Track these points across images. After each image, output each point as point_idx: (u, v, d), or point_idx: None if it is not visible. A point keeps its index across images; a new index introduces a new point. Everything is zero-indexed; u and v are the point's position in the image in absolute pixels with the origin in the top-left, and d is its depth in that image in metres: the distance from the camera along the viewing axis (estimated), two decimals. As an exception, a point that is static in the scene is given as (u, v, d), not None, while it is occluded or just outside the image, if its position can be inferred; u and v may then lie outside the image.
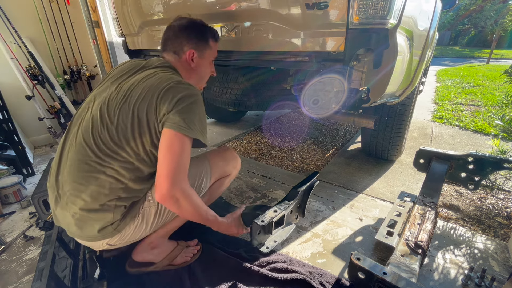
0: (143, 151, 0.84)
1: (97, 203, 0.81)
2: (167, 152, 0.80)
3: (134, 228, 0.89)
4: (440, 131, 2.74)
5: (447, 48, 20.18)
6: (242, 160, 2.10)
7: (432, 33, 1.50)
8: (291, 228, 1.21)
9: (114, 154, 0.82)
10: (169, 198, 0.80)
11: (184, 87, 0.87)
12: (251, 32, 1.24)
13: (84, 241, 0.88)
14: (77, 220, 0.82)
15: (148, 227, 0.92)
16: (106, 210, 0.82)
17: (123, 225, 0.86)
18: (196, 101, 0.87)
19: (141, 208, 0.89)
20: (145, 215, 0.90)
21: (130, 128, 0.82)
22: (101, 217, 0.82)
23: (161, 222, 0.96)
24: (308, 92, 1.17)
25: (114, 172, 0.82)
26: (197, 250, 1.14)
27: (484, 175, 1.31)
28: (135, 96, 0.84)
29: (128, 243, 0.94)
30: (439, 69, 8.32)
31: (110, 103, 0.85)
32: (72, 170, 0.83)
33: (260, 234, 1.08)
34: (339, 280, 0.99)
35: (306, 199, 1.28)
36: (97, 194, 0.81)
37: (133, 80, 0.89)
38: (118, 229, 0.85)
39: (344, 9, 0.97)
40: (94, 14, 2.48)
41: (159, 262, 1.04)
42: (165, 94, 0.83)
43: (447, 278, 1.03)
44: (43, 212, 1.28)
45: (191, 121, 0.83)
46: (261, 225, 1.01)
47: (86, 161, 0.82)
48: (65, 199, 0.83)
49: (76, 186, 0.82)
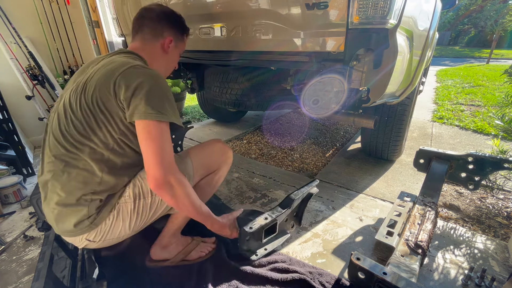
0: (112, 140, 0.82)
1: (73, 197, 0.81)
2: (148, 142, 0.78)
3: (110, 224, 0.87)
4: (440, 131, 2.74)
5: (447, 48, 20.18)
6: (242, 160, 2.10)
7: (432, 33, 1.50)
8: (285, 237, 1.19)
9: (83, 146, 0.81)
10: (163, 185, 0.78)
11: (142, 70, 0.82)
12: (251, 32, 1.24)
13: (66, 237, 0.88)
14: (56, 215, 0.83)
15: (126, 225, 0.89)
16: (81, 204, 0.81)
17: (99, 220, 0.84)
18: (158, 82, 0.82)
19: (116, 204, 0.87)
20: (121, 211, 0.87)
21: (93, 118, 0.80)
22: (76, 211, 0.81)
23: (139, 221, 0.92)
24: (308, 92, 1.17)
25: (87, 164, 0.81)
26: (213, 248, 1.14)
27: (484, 175, 1.31)
28: (92, 86, 0.81)
29: (111, 242, 0.92)
30: (439, 69, 8.32)
31: (72, 97, 0.84)
32: (49, 168, 0.83)
33: (250, 241, 1.06)
34: (339, 280, 0.99)
35: (303, 208, 1.25)
36: (72, 188, 0.81)
37: (91, 71, 0.86)
38: (94, 223, 0.84)
39: (344, 9, 0.97)
40: (94, 14, 2.48)
41: (173, 257, 1.07)
42: (122, 79, 0.79)
43: (447, 278, 1.03)
44: (42, 212, 1.27)
45: (159, 106, 0.79)
46: (249, 232, 0.99)
47: (59, 157, 0.82)
48: (47, 196, 0.84)
49: (53, 182, 0.82)
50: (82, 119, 0.81)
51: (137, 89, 0.78)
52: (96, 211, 0.83)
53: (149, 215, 0.93)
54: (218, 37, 1.36)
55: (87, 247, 0.92)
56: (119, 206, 0.87)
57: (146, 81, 0.79)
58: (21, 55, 2.14)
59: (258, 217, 1.06)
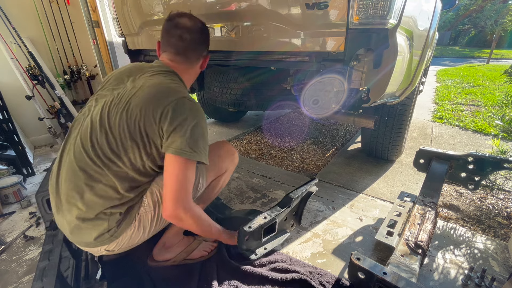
0: (140, 162, 0.83)
1: (93, 212, 0.81)
2: (172, 177, 0.81)
3: (131, 234, 0.88)
4: (440, 131, 2.74)
5: (447, 48, 20.19)
6: (242, 160, 2.10)
7: (432, 33, 1.50)
8: (284, 236, 1.19)
9: (110, 163, 0.81)
10: (173, 218, 0.84)
11: (188, 104, 0.84)
12: (251, 32, 1.24)
13: (83, 247, 0.88)
14: (74, 228, 0.82)
15: (146, 232, 0.92)
16: (101, 219, 0.82)
17: (120, 232, 0.85)
18: (200, 121, 0.85)
19: (137, 214, 0.88)
20: (142, 221, 0.89)
21: (129, 139, 0.81)
22: (96, 225, 0.82)
23: (159, 226, 0.95)
24: (308, 92, 1.17)
25: (110, 181, 0.81)
26: (214, 246, 1.15)
27: (484, 175, 1.31)
28: (137, 107, 0.81)
29: (127, 249, 0.94)
30: (439, 69, 8.33)
31: (111, 109, 0.83)
32: (69, 177, 0.82)
33: (249, 240, 1.06)
34: (339, 280, 0.99)
35: (303, 206, 1.26)
36: (93, 203, 0.80)
37: (134, 87, 0.86)
38: (115, 236, 0.84)
39: (344, 9, 0.97)
40: (94, 14, 2.48)
41: (175, 256, 1.08)
42: (169, 111, 0.81)
43: (447, 278, 1.03)
44: (46, 211, 1.28)
45: (195, 145, 0.82)
46: (248, 231, 0.99)
47: (84, 168, 0.81)
48: (62, 206, 0.84)
49: (72, 193, 0.81)
50: (118, 137, 0.81)
51: (180, 125, 0.81)
52: (116, 224, 0.84)
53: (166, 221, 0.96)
54: (218, 37, 1.36)
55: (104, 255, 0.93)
56: (139, 216, 0.88)
57: (190, 119, 0.83)
58: (21, 55, 2.14)
59: (257, 216, 1.06)
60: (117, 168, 0.82)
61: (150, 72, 0.91)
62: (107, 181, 0.81)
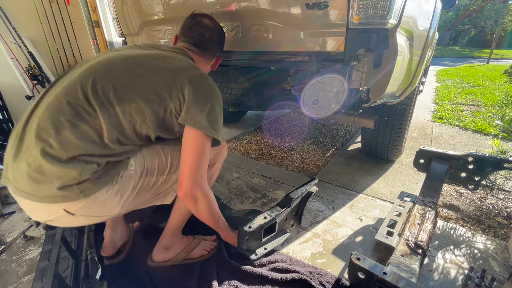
0: (140, 118, 0.78)
1: (66, 153, 0.68)
2: (191, 152, 0.81)
3: (105, 198, 0.76)
4: (440, 131, 2.74)
5: (447, 48, 20.19)
6: (242, 160, 2.10)
7: (432, 33, 1.50)
8: (284, 236, 1.19)
9: (109, 106, 0.74)
10: (189, 197, 0.83)
11: (211, 83, 0.87)
12: (251, 32, 1.24)
13: (37, 202, 0.70)
14: (34, 170, 0.67)
15: (122, 202, 0.80)
16: (73, 164, 0.68)
17: (93, 190, 0.72)
18: (219, 101, 0.87)
19: (119, 177, 0.77)
20: (122, 186, 0.78)
21: (139, 87, 0.77)
22: (65, 171, 0.67)
23: (136, 200, 0.85)
24: (308, 92, 1.17)
25: (99, 125, 0.73)
26: (214, 246, 1.15)
27: (484, 175, 1.31)
28: (155, 66, 0.81)
29: (91, 220, 0.81)
30: (439, 69, 8.33)
31: (127, 59, 0.80)
32: (49, 112, 0.71)
33: (250, 240, 1.06)
34: (339, 280, 0.99)
35: (303, 206, 1.26)
36: (70, 143, 0.69)
37: (155, 52, 0.87)
38: (85, 193, 0.71)
39: (344, 9, 0.97)
40: (94, 14, 2.48)
41: (175, 256, 1.07)
42: (193, 80, 0.82)
43: (447, 278, 1.03)
44: None
45: (215, 122, 0.83)
46: (248, 231, 0.99)
47: (73, 103, 0.71)
48: (26, 144, 0.69)
49: (47, 127, 0.69)
50: (126, 84, 0.77)
51: (202, 100, 0.82)
52: (91, 177, 0.71)
53: (148, 196, 0.88)
54: (218, 37, 1.35)
55: (55, 222, 0.77)
56: (122, 179, 0.78)
57: (211, 96, 0.84)
58: (21, 55, 2.15)
59: (257, 216, 1.06)
60: (113, 114, 0.74)
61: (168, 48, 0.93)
62: (94, 124, 0.72)
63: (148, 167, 0.84)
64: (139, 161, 0.83)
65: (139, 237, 1.21)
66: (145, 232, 1.24)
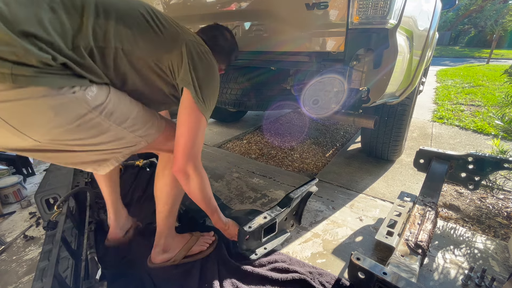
0: (130, 47, 0.71)
1: (23, 24, 0.54)
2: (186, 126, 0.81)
3: (36, 104, 0.57)
4: (440, 131, 2.74)
5: (447, 48, 20.20)
6: (242, 160, 2.10)
7: (432, 33, 1.50)
8: (284, 236, 1.19)
9: (102, 17, 0.66)
10: (182, 173, 0.83)
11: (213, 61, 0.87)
12: (251, 32, 1.24)
13: None
14: None
15: (51, 124, 0.61)
16: (24, 41, 0.53)
17: (29, 81, 0.54)
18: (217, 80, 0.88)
19: (71, 90, 0.61)
20: (66, 104, 0.61)
21: (142, 28, 0.74)
22: (9, 40, 0.51)
23: (65, 135, 0.65)
24: (308, 92, 1.17)
25: (79, 24, 0.63)
26: (212, 240, 1.15)
27: (484, 175, 1.31)
28: (165, 19, 0.80)
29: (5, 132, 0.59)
30: (439, 69, 8.33)
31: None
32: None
33: (250, 240, 1.07)
34: (339, 280, 0.99)
35: (303, 206, 1.26)
36: (35, 17, 0.56)
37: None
38: (16, 79, 0.53)
39: (344, 9, 0.97)
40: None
41: (175, 255, 1.07)
42: (196, 48, 0.82)
43: (447, 278, 1.03)
44: (45, 211, 1.28)
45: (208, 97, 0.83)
46: (248, 231, 1.00)
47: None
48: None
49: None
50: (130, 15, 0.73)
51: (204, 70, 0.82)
52: (36, 65, 0.55)
53: (83, 141, 0.69)
54: (218, 37, 1.35)
55: None
56: (72, 96, 0.61)
57: (211, 70, 0.85)
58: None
59: (257, 216, 1.06)
60: (102, 25, 0.66)
61: None
62: (76, 21, 0.63)
63: (109, 107, 0.69)
64: (102, 93, 0.68)
65: (139, 237, 1.21)
66: (145, 232, 1.24)
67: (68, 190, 1.26)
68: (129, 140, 0.78)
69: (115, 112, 0.71)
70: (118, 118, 0.72)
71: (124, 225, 1.19)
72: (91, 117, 0.66)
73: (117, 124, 0.72)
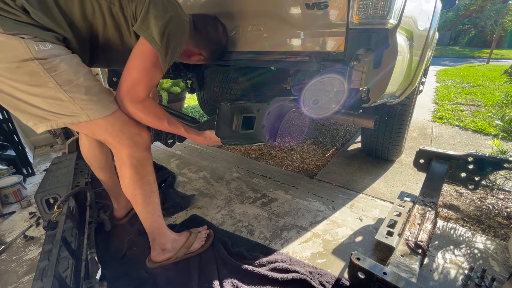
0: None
1: None
2: (137, 61, 0.79)
3: None
4: (440, 131, 2.74)
5: (447, 48, 20.19)
6: (242, 160, 2.10)
7: (432, 33, 1.50)
8: (257, 143, 1.18)
9: None
10: (127, 111, 0.84)
11: (176, 7, 0.83)
12: (251, 32, 1.24)
13: None
14: None
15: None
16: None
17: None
18: (181, 26, 0.84)
19: (20, 36, 0.67)
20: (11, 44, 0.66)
21: None
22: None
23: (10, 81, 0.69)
24: (308, 92, 1.17)
25: None
26: (207, 233, 1.18)
27: (484, 175, 1.31)
28: None
29: None
30: (439, 69, 8.33)
31: None
32: None
33: (226, 127, 1.10)
34: (339, 280, 0.99)
35: (279, 122, 1.22)
36: None
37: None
38: None
39: (344, 9, 0.97)
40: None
41: (176, 253, 1.08)
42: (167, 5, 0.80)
43: (447, 278, 1.03)
44: (45, 211, 1.28)
45: (167, 44, 0.81)
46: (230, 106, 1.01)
47: None
48: None
49: None
50: None
51: (159, 16, 0.78)
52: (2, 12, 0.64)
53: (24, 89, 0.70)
54: (218, 37, 1.35)
55: None
56: (20, 39, 0.66)
57: (172, 17, 0.80)
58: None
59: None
60: None
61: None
62: None
63: (54, 63, 0.71)
64: (55, 52, 0.71)
65: (139, 237, 1.21)
66: (145, 232, 1.24)
67: (68, 190, 1.26)
68: (68, 107, 0.76)
69: (60, 71, 0.71)
70: (61, 78, 0.72)
71: (127, 204, 1.31)
72: (31, 65, 0.68)
73: (58, 83, 0.72)
